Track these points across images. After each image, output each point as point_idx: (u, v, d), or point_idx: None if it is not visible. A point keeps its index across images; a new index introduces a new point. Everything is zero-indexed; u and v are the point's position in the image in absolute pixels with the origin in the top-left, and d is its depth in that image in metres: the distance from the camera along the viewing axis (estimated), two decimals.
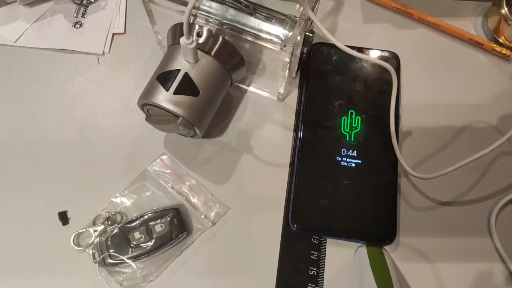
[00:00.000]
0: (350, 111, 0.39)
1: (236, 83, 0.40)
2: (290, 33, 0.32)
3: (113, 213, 0.36)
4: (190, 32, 0.31)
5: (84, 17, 0.44)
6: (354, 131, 0.38)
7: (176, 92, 0.32)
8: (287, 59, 0.34)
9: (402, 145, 0.38)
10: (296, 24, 0.33)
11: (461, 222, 0.36)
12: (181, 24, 0.30)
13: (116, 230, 0.34)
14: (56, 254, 0.35)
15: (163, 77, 0.33)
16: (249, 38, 0.33)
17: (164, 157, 0.38)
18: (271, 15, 0.33)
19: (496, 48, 0.42)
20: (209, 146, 0.39)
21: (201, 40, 0.33)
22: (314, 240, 0.35)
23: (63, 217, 0.36)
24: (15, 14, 0.43)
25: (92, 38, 0.43)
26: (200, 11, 0.34)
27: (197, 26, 0.33)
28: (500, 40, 0.42)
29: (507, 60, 0.42)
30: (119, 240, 0.34)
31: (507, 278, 0.34)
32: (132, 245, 0.34)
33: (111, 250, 0.34)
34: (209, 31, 0.33)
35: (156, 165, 0.37)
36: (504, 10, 0.41)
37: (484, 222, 0.36)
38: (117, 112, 0.40)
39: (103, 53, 0.42)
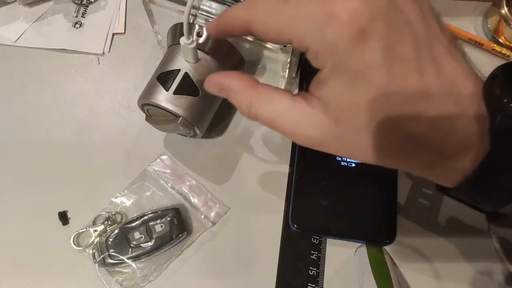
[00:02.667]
0: None
1: None
2: None
3: (113, 213, 0.36)
4: (190, 32, 0.31)
5: (84, 17, 0.44)
6: None
7: (176, 92, 0.32)
8: (287, 59, 0.34)
9: None
10: None
11: (461, 222, 0.36)
12: (181, 24, 0.30)
13: (116, 230, 0.34)
14: (56, 254, 0.35)
15: (163, 77, 0.33)
16: (249, 38, 0.33)
17: (164, 157, 0.38)
18: None
19: (496, 48, 0.42)
20: (209, 146, 0.39)
21: (201, 40, 0.33)
22: (314, 240, 0.35)
23: (63, 217, 0.36)
24: (15, 14, 0.43)
25: (92, 38, 0.43)
26: (200, 11, 0.34)
27: (197, 26, 0.33)
28: (500, 40, 0.42)
29: (507, 60, 0.42)
30: (119, 240, 0.34)
31: (507, 278, 0.34)
32: (132, 245, 0.34)
33: (111, 250, 0.34)
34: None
35: (156, 165, 0.37)
36: (504, 10, 0.41)
37: (484, 222, 0.36)
38: (117, 112, 0.40)
39: (103, 53, 0.42)
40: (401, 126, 0.20)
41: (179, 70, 0.32)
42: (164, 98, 0.32)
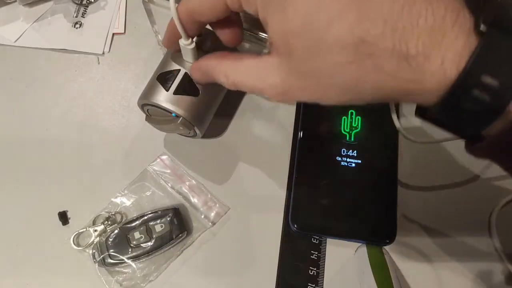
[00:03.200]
0: (350, 111, 0.39)
1: None
2: None
3: (113, 213, 0.36)
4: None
5: (84, 17, 0.44)
6: (354, 131, 0.38)
7: (176, 92, 0.32)
8: None
9: (402, 144, 0.38)
10: None
11: (461, 222, 0.36)
12: None
13: (116, 230, 0.34)
14: (56, 254, 0.35)
15: (163, 77, 0.33)
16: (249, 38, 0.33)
17: (164, 157, 0.38)
18: None
19: None
20: (209, 146, 0.39)
21: (200, 40, 0.33)
22: (314, 240, 0.35)
23: (63, 217, 0.36)
24: (15, 14, 0.43)
25: (92, 38, 0.43)
26: None
27: None
28: None
29: None
30: (119, 240, 0.34)
31: (507, 278, 0.35)
32: (132, 245, 0.34)
33: (111, 250, 0.34)
34: (209, 30, 0.33)
35: (156, 165, 0.37)
36: None
37: (484, 222, 0.36)
38: (117, 112, 0.40)
39: (103, 53, 0.42)
40: (350, 35, 0.18)
41: (179, 70, 0.32)
42: (164, 98, 0.32)
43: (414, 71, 0.18)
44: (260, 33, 0.34)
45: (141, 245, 0.34)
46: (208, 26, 0.33)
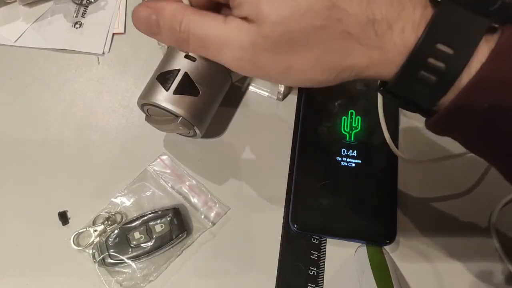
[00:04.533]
0: (350, 111, 0.39)
1: (236, 83, 0.40)
2: None
3: (113, 213, 0.36)
4: None
5: (84, 17, 0.44)
6: (354, 131, 0.38)
7: (176, 92, 0.32)
8: None
9: (402, 144, 0.38)
10: None
11: (461, 222, 0.36)
12: None
13: (116, 230, 0.34)
14: (56, 254, 0.35)
15: (163, 77, 0.33)
16: None
17: (164, 157, 0.38)
18: None
19: None
20: (209, 146, 0.39)
21: None
22: (314, 240, 0.35)
23: (63, 217, 0.36)
24: (15, 14, 0.43)
25: (92, 38, 0.43)
26: None
27: None
28: None
29: None
30: (119, 240, 0.34)
31: (507, 278, 0.34)
32: (132, 245, 0.34)
33: (111, 250, 0.34)
34: None
35: (156, 165, 0.37)
36: None
37: (484, 222, 0.36)
38: (117, 112, 0.40)
39: (103, 53, 0.42)
40: (317, 12, 0.19)
41: (179, 70, 0.32)
42: (164, 98, 0.32)
43: (378, 38, 0.19)
44: None
45: (141, 245, 0.34)
46: None
